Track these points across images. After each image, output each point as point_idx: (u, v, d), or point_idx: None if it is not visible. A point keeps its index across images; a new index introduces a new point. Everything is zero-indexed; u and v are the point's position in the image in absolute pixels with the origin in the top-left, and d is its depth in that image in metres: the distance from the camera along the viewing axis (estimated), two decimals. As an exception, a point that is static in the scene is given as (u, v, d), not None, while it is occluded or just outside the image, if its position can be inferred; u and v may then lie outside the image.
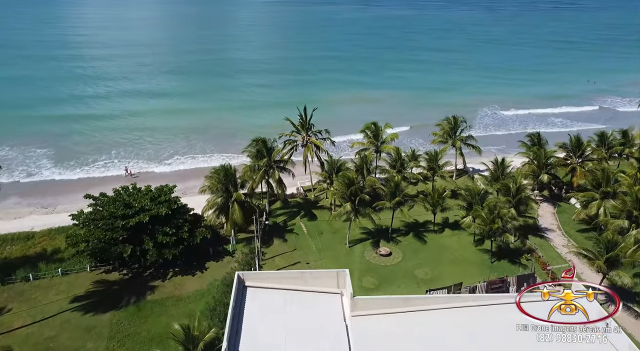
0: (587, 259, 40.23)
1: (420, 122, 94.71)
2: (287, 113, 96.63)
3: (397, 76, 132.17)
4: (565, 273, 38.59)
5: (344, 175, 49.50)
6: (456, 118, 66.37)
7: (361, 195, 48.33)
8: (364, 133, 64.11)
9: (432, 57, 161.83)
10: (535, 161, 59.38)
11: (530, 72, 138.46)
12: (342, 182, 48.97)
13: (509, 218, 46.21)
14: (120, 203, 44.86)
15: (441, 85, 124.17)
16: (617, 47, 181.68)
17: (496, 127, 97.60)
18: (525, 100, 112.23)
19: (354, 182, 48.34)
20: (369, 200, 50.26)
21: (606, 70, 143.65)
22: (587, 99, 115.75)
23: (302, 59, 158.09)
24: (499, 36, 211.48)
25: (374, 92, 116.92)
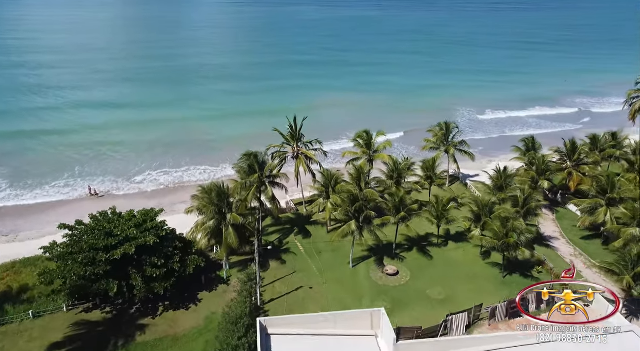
0: (612, 274, 38.55)
1: (403, 128, 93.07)
2: (262, 122, 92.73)
3: (371, 80, 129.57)
4: (565, 273, 37.43)
5: (347, 190, 46.02)
6: (448, 124, 64.36)
7: (367, 212, 44.99)
8: (355, 141, 60.90)
9: (402, 60, 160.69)
10: (533, 167, 58.02)
11: (501, 74, 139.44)
12: (345, 198, 45.46)
13: (523, 231, 44.10)
14: (100, 233, 39.49)
15: (415, 88, 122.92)
16: (581, 48, 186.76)
17: (474, 131, 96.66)
18: (500, 103, 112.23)
19: (359, 197, 44.88)
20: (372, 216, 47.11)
21: (577, 70, 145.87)
22: (561, 100, 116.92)
23: (271, 63, 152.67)
24: (466, 38, 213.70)
25: (349, 97, 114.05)
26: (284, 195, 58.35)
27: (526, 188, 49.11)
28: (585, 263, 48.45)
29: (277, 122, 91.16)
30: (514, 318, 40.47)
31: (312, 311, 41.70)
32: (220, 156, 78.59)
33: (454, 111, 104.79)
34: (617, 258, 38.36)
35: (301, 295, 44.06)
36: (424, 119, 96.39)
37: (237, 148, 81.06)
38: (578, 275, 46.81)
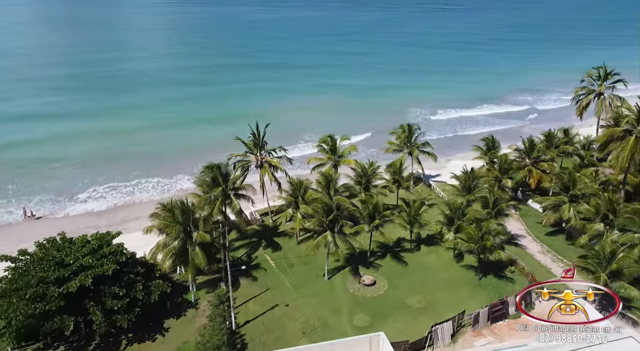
0: (588, 272, 39.07)
1: (362, 130, 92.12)
2: (215, 130, 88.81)
3: (322, 83, 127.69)
4: (565, 273, 37.34)
5: (320, 200, 43.97)
6: (411, 126, 64.03)
7: (342, 222, 43.22)
8: (319, 147, 59.08)
9: (349, 61, 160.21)
10: (494, 165, 58.75)
11: (449, 74, 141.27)
12: (319, 208, 43.40)
13: (497, 233, 44.04)
14: (50, 263, 35.02)
15: (368, 90, 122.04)
16: (516, 47, 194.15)
17: (428, 131, 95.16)
18: (450, 102, 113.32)
19: (333, 207, 42.96)
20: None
21: (516, 69, 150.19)
22: (507, 98, 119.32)
23: (214, 67, 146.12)
24: (410, 38, 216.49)
25: (303, 100, 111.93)
26: (248, 206, 55.43)
27: (495, 189, 49.30)
28: (553, 260, 49.29)
29: (231, 129, 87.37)
30: (495, 322, 40.18)
31: (291, 330, 39.55)
32: (173, 167, 74.07)
33: (407, 112, 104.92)
34: (591, 255, 38.83)
35: (277, 313, 41.54)
36: (381, 121, 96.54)
37: (190, 158, 77.34)
38: (548, 272, 47.74)
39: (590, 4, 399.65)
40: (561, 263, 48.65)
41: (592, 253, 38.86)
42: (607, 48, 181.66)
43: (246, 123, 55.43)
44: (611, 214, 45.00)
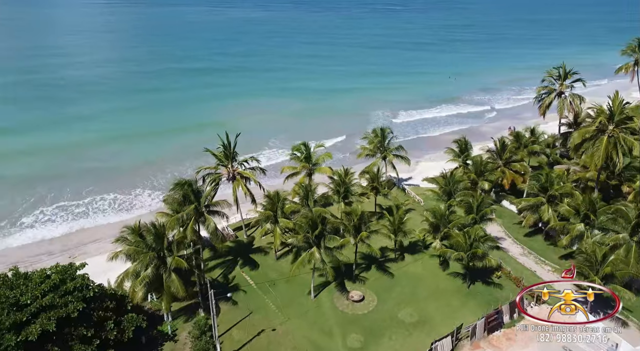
0: (580, 275, 38.75)
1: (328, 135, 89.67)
2: (174, 141, 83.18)
3: (279, 87, 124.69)
4: (565, 273, 36.18)
5: (306, 215, 41.21)
6: (384, 130, 62.45)
7: (329, 236, 40.75)
8: (292, 155, 56.27)
9: (304, 63, 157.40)
10: (467, 167, 58.33)
11: (402, 75, 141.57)
12: (304, 224, 40.65)
13: (486, 239, 43.11)
14: (3, 305, 30.26)
15: (325, 93, 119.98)
16: (464, 47, 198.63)
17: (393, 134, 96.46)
18: (409, 104, 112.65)
19: (318, 222, 40.37)
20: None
21: (469, 69, 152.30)
22: (464, 98, 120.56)
23: (161, 72, 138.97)
24: (359, 39, 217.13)
25: (261, 105, 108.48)
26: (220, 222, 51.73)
27: (478, 193, 48.55)
28: (537, 262, 49.18)
29: (187, 139, 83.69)
30: (492, 332, 39.13)
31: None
32: (130, 182, 68.74)
33: (369, 115, 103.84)
34: (583, 259, 38.55)
35: (265, 340, 38.48)
36: (346, 125, 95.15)
37: (147, 171, 72.16)
38: (533, 275, 47.52)
39: (530, 5, 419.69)
40: (544, 265, 48.64)
41: (584, 256, 38.44)
42: (551, 47, 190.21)
43: (203, 132, 52.20)
44: (592, 214, 45.24)
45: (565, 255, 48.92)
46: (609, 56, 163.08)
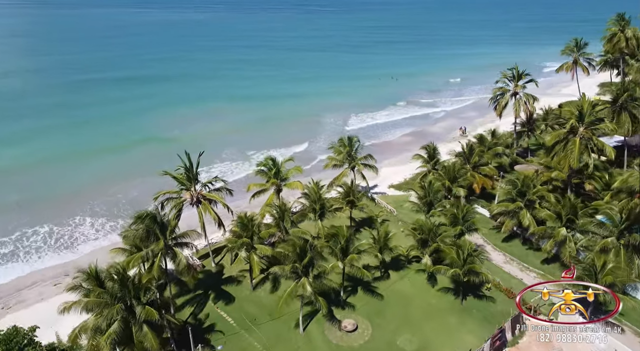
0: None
1: (279, 144, 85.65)
2: (103, 161, 74.50)
3: (220, 94, 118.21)
4: (565, 274, 35.32)
5: (293, 243, 36.83)
6: (351, 139, 59.43)
7: (319, 265, 36.78)
8: (259, 171, 51.60)
9: (242, 70, 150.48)
10: (443, 174, 56.78)
11: (348, 78, 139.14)
12: (291, 252, 36.33)
13: (479, 253, 41.23)
14: None
15: (269, 100, 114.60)
16: (400, 49, 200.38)
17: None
18: (357, 108, 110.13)
19: (307, 249, 36.28)
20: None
21: (409, 71, 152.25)
22: (411, 100, 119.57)
23: (88, 83, 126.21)
24: (296, 42, 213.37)
25: (203, 114, 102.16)
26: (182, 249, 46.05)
27: (463, 203, 46.75)
28: (521, 270, 48.26)
29: (121, 158, 75.65)
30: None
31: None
32: (67, 210, 60.62)
33: (321, 122, 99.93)
34: (582, 269, 37.59)
35: (256, 390, 33.82)
36: (300, 133, 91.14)
37: (86, 197, 63.68)
38: (520, 282, 46.42)
39: (453, 6, 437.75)
40: (529, 271, 47.77)
41: (583, 266, 37.49)
42: (482, 47, 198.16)
43: (141, 148, 46.04)
44: (574, 217, 44.93)
45: (547, 260, 48.49)
46: (536, 55, 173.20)
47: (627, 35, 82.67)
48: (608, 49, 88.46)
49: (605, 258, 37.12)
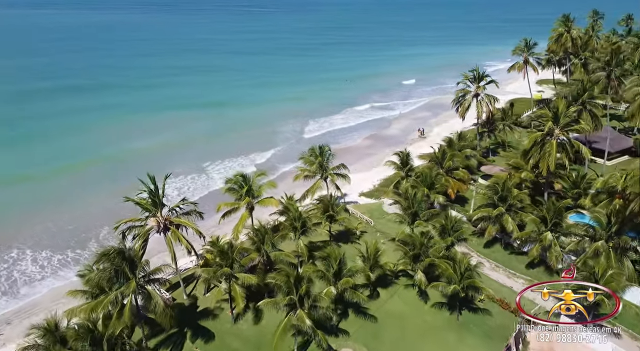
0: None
1: (230, 154, 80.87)
2: (44, 185, 66.15)
3: (170, 104, 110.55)
4: (565, 273, 35.00)
5: (286, 273, 32.92)
6: (322, 148, 56.24)
7: (314, 296, 33.24)
8: (230, 189, 47.13)
9: (183, 75, 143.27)
10: (419, 180, 54.98)
11: (299, 83, 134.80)
12: (284, 282, 32.48)
13: (475, 266, 39.42)
14: None
15: (219, 108, 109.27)
16: (345, 50, 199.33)
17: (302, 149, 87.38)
18: (316, 113, 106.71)
19: (301, 278, 32.65)
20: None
21: (363, 74, 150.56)
22: (361, 102, 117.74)
23: (11, 96, 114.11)
24: (234, 45, 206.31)
25: (150, 126, 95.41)
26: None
27: (451, 214, 44.95)
28: (508, 276, 47.24)
29: (73, 178, 67.93)
30: (506, 372, 35.51)
31: None
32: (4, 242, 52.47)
33: (276, 131, 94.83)
34: (582, 278, 36.69)
35: None
36: (261, 143, 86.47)
37: (24, 226, 55.75)
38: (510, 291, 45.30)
39: (391, 7, 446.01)
40: (516, 278, 46.78)
41: (583, 274, 36.63)
42: (421, 47, 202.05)
43: (78, 168, 40.50)
44: (559, 220, 44.48)
45: (531, 264, 47.82)
46: (475, 55, 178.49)
47: (572, 35, 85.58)
48: (553, 48, 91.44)
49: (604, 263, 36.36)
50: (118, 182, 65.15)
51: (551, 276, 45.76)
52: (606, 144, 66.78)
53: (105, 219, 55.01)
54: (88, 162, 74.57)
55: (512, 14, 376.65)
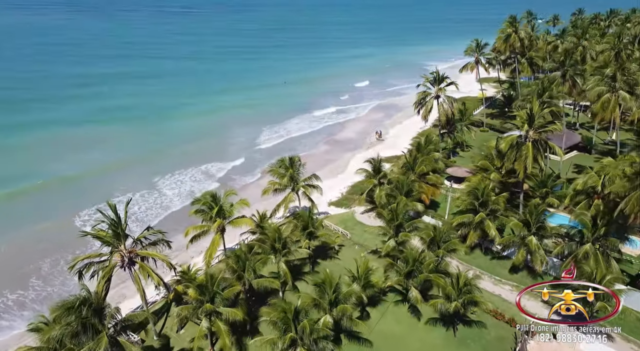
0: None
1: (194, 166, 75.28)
2: None
3: (108, 117, 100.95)
4: (565, 273, 34.80)
5: (280, 308, 29.11)
6: (292, 159, 52.59)
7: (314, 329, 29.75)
8: (198, 211, 42.42)
9: (124, 85, 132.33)
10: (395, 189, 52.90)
11: (246, 90, 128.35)
12: (280, 319, 28.73)
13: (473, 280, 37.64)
14: None
15: (165, 118, 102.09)
16: (288, 53, 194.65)
17: (262, 162, 79.50)
18: (268, 120, 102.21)
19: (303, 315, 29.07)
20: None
21: (311, 76, 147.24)
22: (311, 107, 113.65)
23: None
24: (172, 50, 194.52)
25: (86, 140, 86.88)
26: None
27: (439, 225, 43.01)
28: (495, 283, 46.14)
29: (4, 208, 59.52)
30: (512, 389, 33.95)
31: None
32: None
33: (229, 142, 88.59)
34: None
35: None
36: (207, 155, 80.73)
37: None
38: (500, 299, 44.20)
39: (324, 8, 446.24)
40: (502, 284, 45.73)
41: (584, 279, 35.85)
42: (365, 48, 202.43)
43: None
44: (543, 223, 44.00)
45: (514, 269, 47.13)
46: (415, 55, 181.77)
47: (520, 35, 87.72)
48: (500, 48, 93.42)
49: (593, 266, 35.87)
50: (56, 209, 58.70)
51: (535, 280, 45.30)
52: (562, 141, 68.55)
53: (43, 252, 48.88)
54: (13, 192, 65.80)
55: (438, 14, 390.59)
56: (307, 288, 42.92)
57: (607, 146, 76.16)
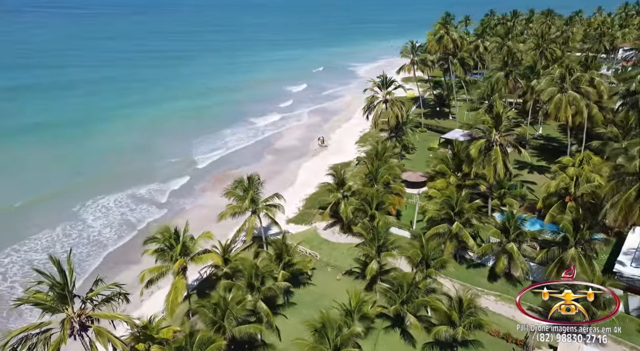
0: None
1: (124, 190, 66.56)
2: None
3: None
4: (566, 273, 34.74)
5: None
6: (252, 178, 47.21)
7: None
8: (157, 252, 35.91)
9: (37, 99, 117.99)
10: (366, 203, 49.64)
11: (176, 99, 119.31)
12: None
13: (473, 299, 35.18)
14: None
15: (74, 135, 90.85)
16: (214, 56, 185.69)
17: (201, 179, 73.27)
18: (204, 131, 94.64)
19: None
20: None
21: (249, 82, 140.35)
22: (253, 116, 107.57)
23: None
24: (71, 57, 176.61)
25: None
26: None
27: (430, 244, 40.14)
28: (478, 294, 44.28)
29: None
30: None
31: None
32: None
33: (163, 165, 78.17)
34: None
35: None
36: (136, 178, 71.59)
37: None
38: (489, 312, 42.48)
39: (241, 9, 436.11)
40: (485, 295, 44.08)
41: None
42: (291, 50, 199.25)
43: None
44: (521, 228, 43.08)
45: (493, 277, 45.93)
46: (336, 56, 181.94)
47: (452, 37, 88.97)
48: (434, 49, 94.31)
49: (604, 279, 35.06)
50: None
51: (516, 287, 44.38)
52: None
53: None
54: None
55: (356, 14, 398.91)
56: (286, 325, 38.33)
57: (537, 141, 78.91)
